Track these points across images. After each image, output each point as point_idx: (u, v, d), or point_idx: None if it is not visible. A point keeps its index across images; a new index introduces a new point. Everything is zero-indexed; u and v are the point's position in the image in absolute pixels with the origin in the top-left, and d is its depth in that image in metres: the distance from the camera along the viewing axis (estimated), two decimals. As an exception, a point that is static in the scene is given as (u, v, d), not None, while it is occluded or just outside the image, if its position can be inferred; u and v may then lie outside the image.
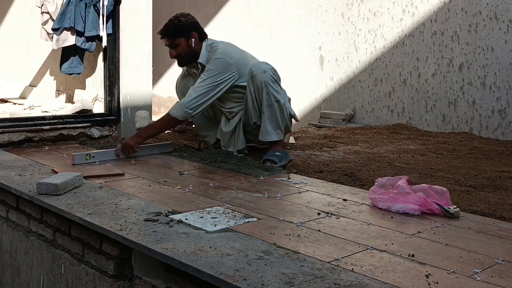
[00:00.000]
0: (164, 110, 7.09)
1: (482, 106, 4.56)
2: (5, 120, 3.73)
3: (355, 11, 5.41)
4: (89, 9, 4.08)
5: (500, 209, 2.47)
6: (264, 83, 3.27)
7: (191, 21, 3.49)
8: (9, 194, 2.74)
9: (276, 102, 3.30)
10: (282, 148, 3.39)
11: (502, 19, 4.43)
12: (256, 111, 3.38)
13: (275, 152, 3.31)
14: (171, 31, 3.45)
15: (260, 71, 3.30)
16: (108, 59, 4.10)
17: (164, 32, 3.46)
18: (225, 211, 2.29)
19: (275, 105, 3.31)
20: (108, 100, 4.12)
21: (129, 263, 2.12)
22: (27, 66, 6.00)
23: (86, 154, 3.23)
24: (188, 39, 3.45)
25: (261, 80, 3.28)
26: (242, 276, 1.62)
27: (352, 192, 2.69)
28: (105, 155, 3.33)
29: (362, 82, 5.40)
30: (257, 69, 3.32)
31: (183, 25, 3.45)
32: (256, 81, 3.30)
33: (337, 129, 4.84)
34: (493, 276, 1.69)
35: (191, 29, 3.47)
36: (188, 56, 3.49)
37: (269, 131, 3.33)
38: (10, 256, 2.81)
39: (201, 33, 3.51)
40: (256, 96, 3.34)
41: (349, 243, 1.95)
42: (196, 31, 3.48)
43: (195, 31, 3.47)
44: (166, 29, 3.46)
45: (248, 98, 3.38)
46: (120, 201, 2.42)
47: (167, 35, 3.45)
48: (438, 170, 3.22)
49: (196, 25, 3.52)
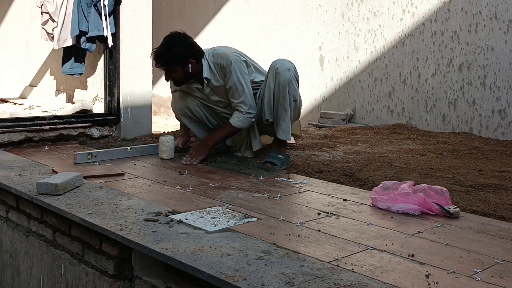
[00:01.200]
0: (164, 110, 7.09)
1: (482, 106, 4.56)
2: (5, 120, 3.73)
3: (355, 11, 5.41)
4: (89, 9, 4.09)
5: (500, 209, 2.47)
6: (288, 81, 3.23)
7: (186, 47, 3.24)
8: (9, 194, 2.74)
9: (294, 101, 3.30)
10: (284, 151, 3.40)
11: (502, 19, 4.43)
12: (270, 108, 3.31)
13: (277, 154, 3.31)
14: (166, 61, 3.23)
15: (285, 69, 3.24)
16: (108, 59, 4.10)
17: (159, 61, 3.24)
18: (225, 211, 2.29)
19: (293, 104, 3.30)
20: (108, 100, 4.12)
21: (129, 263, 2.12)
22: (27, 66, 6.00)
23: (88, 153, 3.23)
24: (185, 66, 3.23)
25: (285, 78, 3.22)
26: (242, 276, 1.62)
27: (352, 192, 2.69)
28: (107, 154, 3.34)
29: (362, 82, 5.40)
30: (281, 66, 3.25)
31: (179, 54, 3.20)
32: (280, 79, 3.23)
33: (337, 129, 4.84)
34: (493, 276, 1.69)
35: (188, 56, 3.22)
36: (186, 78, 3.32)
37: (289, 130, 3.32)
38: (10, 256, 2.81)
39: (198, 55, 3.27)
40: (275, 93, 3.27)
41: (349, 243, 1.95)
42: (193, 57, 3.24)
43: (191, 58, 3.23)
44: (161, 58, 3.23)
45: (266, 94, 3.30)
46: (120, 201, 2.42)
47: (163, 64, 3.24)
48: (438, 170, 3.22)
49: (193, 49, 3.26)
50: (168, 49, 3.22)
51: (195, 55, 3.26)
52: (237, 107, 3.30)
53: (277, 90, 3.26)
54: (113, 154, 3.37)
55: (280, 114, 3.29)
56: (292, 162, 3.36)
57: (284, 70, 3.23)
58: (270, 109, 3.31)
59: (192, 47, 3.27)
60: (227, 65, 3.26)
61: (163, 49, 3.23)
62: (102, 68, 4.25)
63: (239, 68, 3.28)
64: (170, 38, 3.28)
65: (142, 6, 4.16)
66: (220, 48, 3.36)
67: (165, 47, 3.23)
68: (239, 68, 3.28)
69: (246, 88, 3.29)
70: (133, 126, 4.16)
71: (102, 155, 3.32)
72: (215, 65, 3.29)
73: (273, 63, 3.30)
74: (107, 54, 4.11)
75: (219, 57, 3.29)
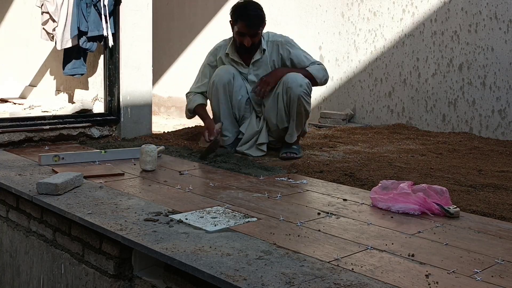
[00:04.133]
0: (164, 110, 7.09)
1: (482, 106, 4.56)
2: (5, 120, 3.73)
3: (355, 11, 5.41)
4: (89, 9, 4.09)
5: (500, 209, 2.47)
6: (298, 97, 3.41)
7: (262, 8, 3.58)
8: (9, 194, 2.74)
9: (305, 111, 3.50)
10: (296, 143, 3.63)
11: (502, 19, 4.43)
12: (282, 116, 3.52)
13: (291, 145, 3.57)
14: (260, 22, 3.49)
15: (297, 85, 3.42)
16: (108, 59, 4.10)
17: (255, 23, 3.47)
18: (225, 211, 2.29)
19: (303, 113, 3.50)
20: (108, 100, 4.12)
21: (129, 263, 2.12)
22: (27, 66, 6.00)
23: (55, 155, 3.16)
24: (263, 28, 3.56)
25: (296, 93, 3.41)
26: (242, 276, 1.62)
27: (352, 192, 2.69)
28: (76, 157, 3.23)
29: (362, 82, 5.40)
30: (293, 82, 3.42)
31: (263, 14, 3.53)
32: (291, 93, 3.42)
33: (337, 129, 4.84)
34: (493, 276, 1.69)
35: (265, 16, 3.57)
36: (258, 44, 3.57)
37: (295, 134, 3.56)
38: (10, 256, 2.81)
39: None
40: (287, 104, 3.48)
41: (349, 243, 1.95)
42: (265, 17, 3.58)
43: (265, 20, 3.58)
44: (257, 20, 3.47)
45: (280, 105, 3.50)
46: (120, 201, 2.42)
47: (258, 26, 3.48)
48: (438, 170, 3.22)
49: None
50: (257, 11, 3.51)
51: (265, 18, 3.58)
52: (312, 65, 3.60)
53: (287, 102, 3.47)
54: (83, 156, 3.25)
55: (290, 121, 3.53)
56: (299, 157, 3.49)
57: (296, 86, 3.42)
58: (281, 117, 3.53)
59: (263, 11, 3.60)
60: (286, 41, 3.62)
61: (254, 12, 3.49)
62: (102, 68, 4.25)
63: (296, 44, 3.67)
64: (251, 2, 3.56)
65: (142, 6, 4.16)
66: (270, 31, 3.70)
67: (254, 9, 3.50)
68: (296, 44, 3.67)
69: (311, 56, 3.67)
70: (133, 126, 4.16)
71: (71, 157, 3.20)
72: (271, 43, 3.60)
73: (285, 78, 3.47)
74: (107, 54, 4.11)
75: (276, 36, 3.64)
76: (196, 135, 4.25)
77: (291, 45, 3.62)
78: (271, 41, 3.61)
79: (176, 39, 7.09)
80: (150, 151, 3.04)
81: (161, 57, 7.01)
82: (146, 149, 3.04)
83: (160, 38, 6.81)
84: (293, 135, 3.55)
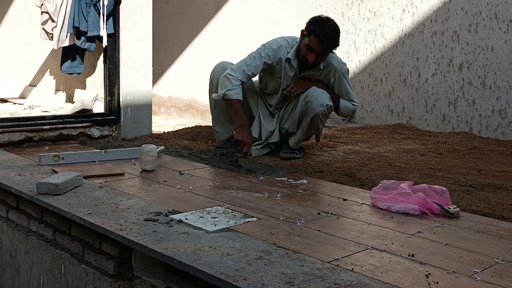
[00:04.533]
0: (164, 110, 7.09)
1: (482, 106, 4.56)
2: (5, 120, 3.73)
3: (355, 11, 5.41)
4: (89, 9, 4.08)
5: (500, 209, 2.47)
6: (315, 114, 3.42)
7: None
8: (9, 194, 2.74)
9: (316, 128, 3.54)
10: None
11: (502, 19, 4.43)
12: (294, 121, 3.54)
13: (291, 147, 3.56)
14: (334, 45, 3.41)
15: (318, 103, 3.40)
16: (108, 59, 4.10)
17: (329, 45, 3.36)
18: (225, 211, 2.29)
19: (314, 129, 3.55)
20: (108, 100, 4.12)
21: (129, 263, 2.12)
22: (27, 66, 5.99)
23: (55, 155, 3.16)
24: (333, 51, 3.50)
25: (314, 110, 3.41)
26: (242, 276, 1.62)
27: (352, 192, 2.69)
28: (77, 157, 3.23)
29: (362, 82, 5.40)
30: (315, 99, 3.41)
31: (339, 39, 3.44)
32: (309, 108, 3.43)
33: (337, 129, 4.84)
34: (493, 276, 1.69)
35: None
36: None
37: (300, 142, 3.59)
38: (10, 256, 2.81)
39: None
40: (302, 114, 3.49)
41: (349, 243, 1.95)
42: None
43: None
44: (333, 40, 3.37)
45: (297, 110, 3.51)
46: (120, 201, 2.42)
47: (331, 47, 3.41)
48: (438, 170, 3.22)
49: None
50: (338, 34, 3.41)
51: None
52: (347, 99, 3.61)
53: (303, 114, 3.48)
54: (83, 156, 3.25)
55: (298, 129, 3.54)
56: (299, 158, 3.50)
57: (317, 104, 3.41)
58: (294, 122, 3.55)
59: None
60: (340, 70, 3.54)
61: (335, 33, 3.39)
62: (102, 68, 4.25)
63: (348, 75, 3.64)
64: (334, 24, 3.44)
65: (142, 6, 4.16)
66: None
67: (336, 31, 3.40)
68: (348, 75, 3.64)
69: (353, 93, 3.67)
70: (133, 126, 4.15)
71: (71, 157, 3.20)
72: (327, 63, 3.51)
73: (310, 91, 3.45)
74: (107, 54, 4.11)
75: (334, 58, 3.54)
76: (196, 135, 4.25)
77: (342, 75, 3.56)
78: (327, 61, 3.51)
79: (176, 39, 7.08)
80: (150, 151, 3.03)
81: (161, 57, 7.00)
82: (146, 149, 3.03)
83: (160, 38, 6.81)
84: (298, 142, 3.57)
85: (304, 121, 3.48)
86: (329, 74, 3.55)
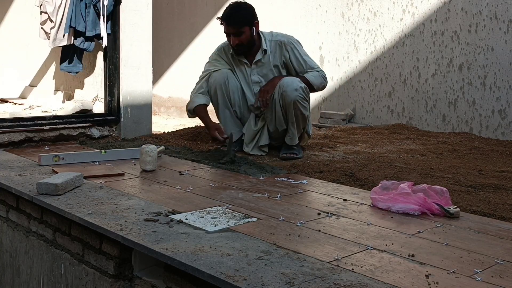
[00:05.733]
0: (164, 110, 7.09)
1: (482, 106, 4.56)
2: (5, 120, 3.73)
3: (355, 11, 5.41)
4: (89, 9, 4.09)
5: (500, 209, 2.47)
6: (294, 101, 3.41)
7: (251, 9, 3.56)
8: (9, 194, 2.74)
9: (301, 115, 3.49)
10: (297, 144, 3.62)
11: (502, 19, 4.43)
12: (280, 119, 3.51)
13: (291, 147, 3.55)
14: (236, 20, 3.47)
15: (292, 89, 3.41)
16: (108, 59, 4.10)
17: (229, 21, 3.47)
18: (225, 211, 2.29)
19: (300, 117, 3.50)
20: (108, 100, 4.12)
21: (129, 263, 2.12)
22: (27, 66, 6.00)
23: (54, 155, 3.15)
24: (251, 28, 3.51)
25: (292, 98, 3.41)
26: (242, 276, 1.62)
27: (352, 192, 2.69)
28: (77, 157, 3.22)
29: (362, 82, 5.40)
30: (288, 86, 3.42)
31: (247, 14, 3.51)
32: (286, 98, 3.42)
33: (337, 129, 4.84)
34: (493, 276, 1.69)
35: (254, 17, 3.54)
36: (250, 44, 3.55)
37: (295, 137, 3.55)
38: (10, 256, 2.81)
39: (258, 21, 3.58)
40: (283, 108, 3.47)
41: (349, 243, 1.95)
42: (257, 20, 3.56)
43: (256, 20, 3.55)
44: (231, 18, 3.47)
45: (277, 108, 3.49)
46: (120, 201, 2.42)
47: (233, 23, 3.46)
48: (438, 170, 3.22)
49: (255, 13, 3.57)
50: (237, 10, 3.50)
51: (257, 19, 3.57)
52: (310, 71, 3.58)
53: (284, 107, 3.47)
54: (83, 157, 3.25)
55: (288, 124, 3.53)
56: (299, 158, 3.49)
57: (291, 90, 3.41)
58: (280, 120, 3.52)
59: (254, 11, 3.57)
60: (289, 42, 3.58)
61: (233, 11, 3.49)
62: (102, 68, 4.25)
63: (301, 45, 3.64)
64: (235, 2, 3.56)
65: (142, 6, 4.16)
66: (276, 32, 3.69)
67: (234, 8, 3.51)
68: (301, 45, 3.64)
69: (313, 60, 3.64)
70: (133, 126, 4.16)
71: (71, 157, 3.19)
72: (274, 42, 3.58)
73: (281, 82, 3.47)
74: (107, 54, 4.11)
75: (279, 35, 3.61)
76: (197, 135, 4.25)
77: (294, 46, 3.60)
78: (274, 40, 3.60)
79: (176, 39, 7.09)
80: (150, 151, 3.03)
81: (161, 57, 7.01)
82: (146, 149, 3.03)
83: (160, 38, 6.81)
84: (293, 138, 3.55)
85: (289, 113, 3.46)
86: (282, 51, 3.59)
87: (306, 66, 3.59)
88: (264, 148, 3.62)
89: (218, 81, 3.62)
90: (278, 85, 3.47)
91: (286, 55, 3.59)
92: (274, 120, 3.54)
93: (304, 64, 3.59)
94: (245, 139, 3.66)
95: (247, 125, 3.68)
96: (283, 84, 3.44)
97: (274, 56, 3.60)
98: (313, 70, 3.59)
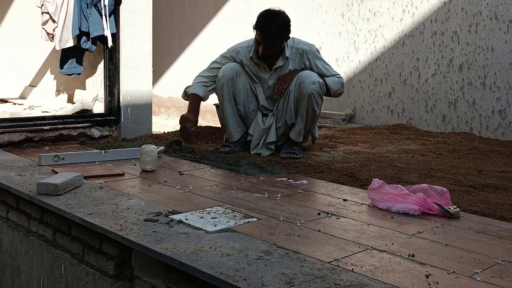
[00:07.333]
0: (164, 110, 7.09)
1: (482, 106, 4.56)
2: (5, 120, 3.73)
3: (355, 11, 5.41)
4: (90, 9, 4.09)
5: (500, 209, 2.47)
6: (309, 93, 3.42)
7: (290, 25, 3.51)
8: (9, 194, 2.74)
9: (312, 111, 3.49)
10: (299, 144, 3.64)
11: (502, 19, 4.43)
12: (291, 111, 3.53)
13: (292, 146, 3.58)
14: (276, 37, 3.43)
15: (310, 81, 3.43)
16: (108, 59, 4.10)
17: (271, 40, 3.42)
18: (225, 211, 2.29)
19: (311, 113, 3.49)
20: (108, 100, 4.12)
21: (129, 263, 2.12)
22: (27, 66, 6.00)
23: (54, 155, 3.15)
24: (283, 44, 3.51)
25: (308, 89, 3.42)
26: (242, 276, 1.62)
27: (352, 192, 2.69)
28: (77, 157, 3.23)
29: (362, 82, 5.40)
30: (306, 78, 3.45)
31: (287, 32, 3.48)
32: (303, 88, 3.43)
33: (337, 129, 4.84)
34: (493, 276, 1.69)
35: (290, 32, 3.52)
36: (276, 55, 3.55)
37: (302, 133, 3.55)
38: (10, 256, 2.81)
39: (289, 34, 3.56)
40: (297, 99, 3.48)
41: (349, 243, 1.95)
42: (289, 36, 3.53)
43: (288, 36, 3.53)
44: (270, 33, 3.40)
45: (290, 100, 3.51)
46: (120, 201, 2.42)
47: (271, 39, 3.42)
48: (438, 170, 3.22)
49: (289, 28, 3.52)
50: (278, 27, 3.42)
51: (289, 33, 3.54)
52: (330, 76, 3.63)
53: (298, 98, 3.47)
54: (83, 157, 3.25)
55: (297, 118, 3.53)
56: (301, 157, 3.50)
57: (309, 82, 3.43)
58: (291, 115, 3.53)
59: (290, 25, 3.53)
60: (311, 51, 3.62)
61: (273, 27, 3.41)
62: (102, 68, 4.25)
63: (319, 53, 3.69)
64: (276, 16, 3.47)
65: (142, 6, 4.16)
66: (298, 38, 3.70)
67: (275, 24, 3.42)
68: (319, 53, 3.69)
69: (332, 68, 3.68)
70: (133, 126, 4.16)
71: (71, 157, 3.20)
72: (296, 49, 3.60)
73: (300, 74, 3.49)
74: (107, 54, 4.11)
75: (301, 43, 3.64)
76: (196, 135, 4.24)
77: (315, 55, 3.62)
78: (295, 48, 3.60)
79: (176, 39, 7.09)
80: (150, 151, 3.03)
81: (161, 57, 7.01)
82: (146, 150, 3.03)
83: (160, 38, 6.81)
84: (299, 133, 3.54)
85: (301, 106, 3.47)
86: (302, 59, 3.61)
87: (327, 74, 3.62)
88: (271, 146, 3.62)
89: (227, 76, 3.61)
90: (296, 76, 3.49)
91: (307, 63, 3.61)
92: (285, 112, 3.55)
93: (325, 71, 3.62)
94: (253, 138, 3.64)
95: (255, 125, 3.66)
96: (301, 75, 3.47)
97: (294, 62, 3.61)
98: (333, 76, 3.63)
